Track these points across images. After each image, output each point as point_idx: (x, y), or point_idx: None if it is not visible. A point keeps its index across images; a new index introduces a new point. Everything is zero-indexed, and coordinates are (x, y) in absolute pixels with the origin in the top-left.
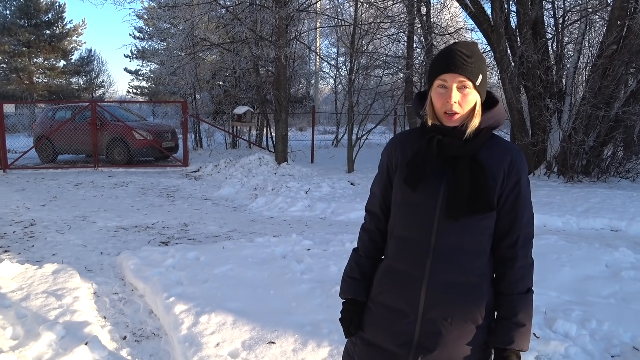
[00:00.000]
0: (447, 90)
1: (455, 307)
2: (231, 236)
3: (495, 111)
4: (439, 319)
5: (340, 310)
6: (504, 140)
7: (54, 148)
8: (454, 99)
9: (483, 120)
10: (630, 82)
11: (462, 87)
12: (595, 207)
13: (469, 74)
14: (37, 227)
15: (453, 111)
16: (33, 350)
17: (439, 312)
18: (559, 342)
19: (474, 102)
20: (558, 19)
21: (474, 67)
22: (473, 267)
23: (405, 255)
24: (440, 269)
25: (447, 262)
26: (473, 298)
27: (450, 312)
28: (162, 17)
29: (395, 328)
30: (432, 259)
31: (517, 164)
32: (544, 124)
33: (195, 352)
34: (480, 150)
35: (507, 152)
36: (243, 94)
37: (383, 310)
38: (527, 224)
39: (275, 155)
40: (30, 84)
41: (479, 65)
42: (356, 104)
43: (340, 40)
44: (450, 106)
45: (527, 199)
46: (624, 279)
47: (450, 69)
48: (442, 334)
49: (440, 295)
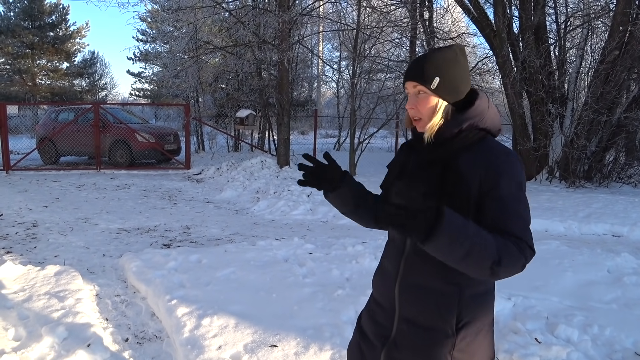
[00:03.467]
0: (409, 96)
1: (422, 311)
2: (233, 239)
3: (469, 113)
4: (410, 320)
5: None
6: (495, 144)
7: (56, 150)
8: (408, 105)
9: (454, 123)
10: (633, 87)
11: (418, 92)
12: (597, 212)
13: (419, 79)
14: (39, 229)
15: (415, 116)
16: (35, 352)
17: (408, 312)
18: (561, 347)
19: (434, 105)
20: (560, 24)
21: (427, 72)
22: (442, 274)
23: (388, 253)
24: (409, 270)
25: (415, 265)
26: (442, 305)
27: (417, 315)
28: (166, 20)
29: (377, 319)
30: (404, 261)
31: (495, 167)
32: (546, 129)
33: (197, 354)
34: (462, 154)
35: (489, 156)
36: (246, 97)
37: (373, 303)
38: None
39: (278, 158)
40: (34, 85)
41: (436, 68)
42: (358, 108)
43: (343, 44)
44: (411, 112)
45: (510, 206)
46: (626, 284)
47: (407, 76)
48: (412, 335)
49: (411, 297)
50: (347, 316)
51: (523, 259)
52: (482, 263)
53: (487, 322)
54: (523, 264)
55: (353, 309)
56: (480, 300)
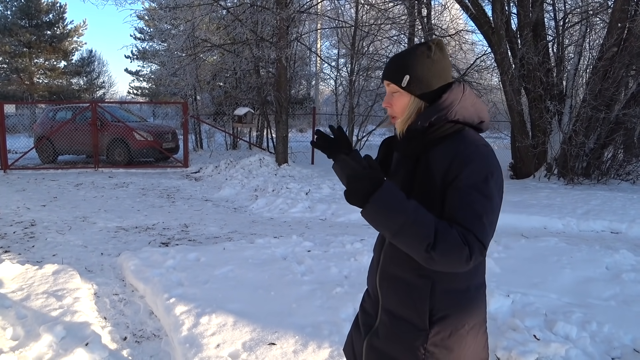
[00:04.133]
0: None
1: (397, 302)
2: (232, 237)
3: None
4: (391, 311)
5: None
6: (469, 136)
7: (54, 149)
8: (384, 104)
9: (423, 117)
10: (631, 84)
11: (393, 91)
12: (595, 209)
13: (390, 78)
14: (37, 228)
15: (391, 114)
16: (33, 351)
17: (392, 304)
18: (559, 344)
19: (406, 102)
20: (559, 21)
21: (398, 71)
22: (413, 266)
23: (375, 245)
24: (387, 261)
25: (391, 255)
26: (414, 298)
27: (398, 307)
28: (163, 18)
29: (366, 309)
30: (384, 251)
31: (463, 158)
32: (545, 126)
33: (195, 353)
34: (433, 148)
35: (458, 146)
36: (244, 95)
37: (365, 293)
38: (467, 223)
39: (276, 156)
40: (31, 84)
41: (405, 66)
42: (357, 105)
43: (341, 41)
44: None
45: (467, 196)
46: (624, 281)
47: (382, 76)
48: (391, 325)
49: (388, 287)
50: (345, 314)
51: (467, 250)
52: (416, 242)
53: (470, 321)
54: (467, 256)
55: (351, 307)
56: (459, 297)
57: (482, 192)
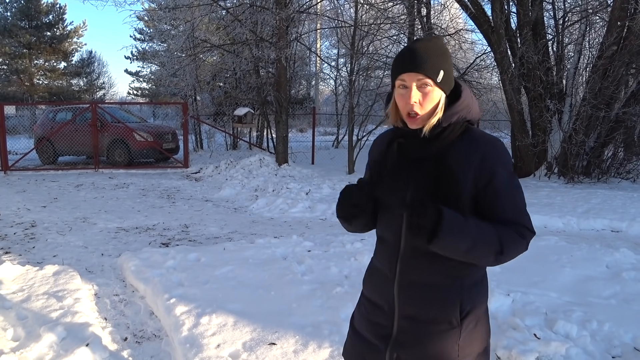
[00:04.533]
0: (408, 90)
1: (425, 307)
2: (232, 237)
3: (458, 105)
4: (413, 317)
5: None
6: (480, 133)
7: (54, 149)
8: (413, 99)
9: (446, 117)
10: (631, 82)
11: (423, 86)
12: (595, 208)
13: (427, 71)
14: (37, 229)
15: (414, 112)
16: (34, 352)
17: (410, 310)
18: (559, 343)
19: (438, 99)
20: (558, 19)
21: (433, 64)
22: (440, 269)
23: (382, 255)
24: (407, 270)
25: (412, 263)
26: (446, 299)
27: (420, 312)
28: (163, 19)
29: (375, 320)
30: (400, 260)
31: (490, 159)
32: (545, 125)
33: (196, 353)
34: (450, 148)
35: (478, 147)
36: (243, 96)
37: (367, 303)
38: (517, 218)
39: (276, 156)
40: (31, 85)
41: (439, 60)
42: (357, 105)
43: (340, 41)
44: (411, 107)
45: (508, 194)
46: (624, 279)
47: (408, 68)
48: (413, 332)
49: (411, 295)
50: (345, 313)
51: (525, 242)
52: (486, 254)
53: (484, 309)
54: (525, 246)
55: (352, 307)
56: (479, 288)
57: (517, 186)
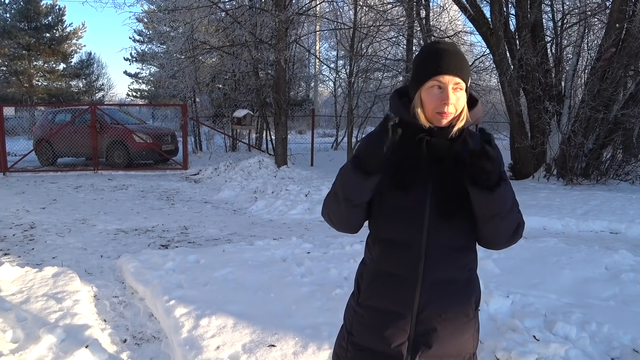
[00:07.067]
0: (443, 91)
1: (449, 303)
2: (231, 239)
3: (477, 110)
4: (433, 316)
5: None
6: (473, 132)
7: (53, 151)
8: (452, 101)
9: (467, 120)
10: (629, 84)
11: (457, 89)
12: (594, 209)
13: (465, 76)
14: (37, 230)
15: (447, 112)
16: (33, 354)
17: (433, 309)
18: (559, 345)
19: (464, 103)
20: (557, 21)
21: (468, 69)
22: (464, 263)
23: (396, 258)
24: (433, 268)
25: (439, 261)
26: (465, 293)
27: (444, 309)
28: (162, 21)
29: (388, 331)
30: (425, 260)
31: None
32: (543, 127)
33: (195, 355)
34: (463, 148)
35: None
36: (243, 97)
37: (374, 314)
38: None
39: (275, 158)
40: (30, 87)
41: (468, 64)
42: (356, 107)
43: (340, 43)
44: (446, 107)
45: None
46: (623, 281)
47: (450, 70)
48: (437, 330)
49: (435, 293)
50: None
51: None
52: (514, 221)
53: None
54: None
55: None
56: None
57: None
